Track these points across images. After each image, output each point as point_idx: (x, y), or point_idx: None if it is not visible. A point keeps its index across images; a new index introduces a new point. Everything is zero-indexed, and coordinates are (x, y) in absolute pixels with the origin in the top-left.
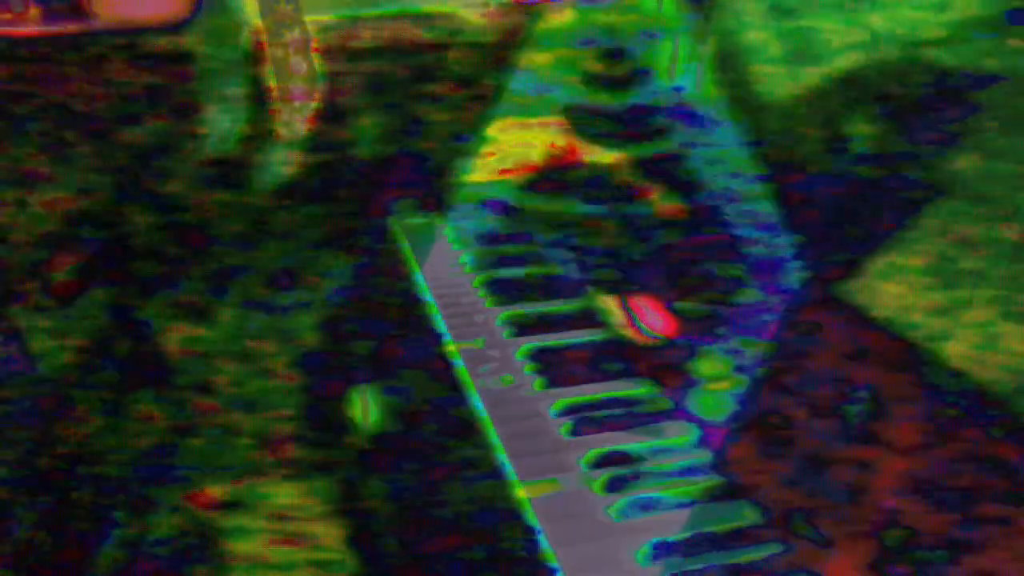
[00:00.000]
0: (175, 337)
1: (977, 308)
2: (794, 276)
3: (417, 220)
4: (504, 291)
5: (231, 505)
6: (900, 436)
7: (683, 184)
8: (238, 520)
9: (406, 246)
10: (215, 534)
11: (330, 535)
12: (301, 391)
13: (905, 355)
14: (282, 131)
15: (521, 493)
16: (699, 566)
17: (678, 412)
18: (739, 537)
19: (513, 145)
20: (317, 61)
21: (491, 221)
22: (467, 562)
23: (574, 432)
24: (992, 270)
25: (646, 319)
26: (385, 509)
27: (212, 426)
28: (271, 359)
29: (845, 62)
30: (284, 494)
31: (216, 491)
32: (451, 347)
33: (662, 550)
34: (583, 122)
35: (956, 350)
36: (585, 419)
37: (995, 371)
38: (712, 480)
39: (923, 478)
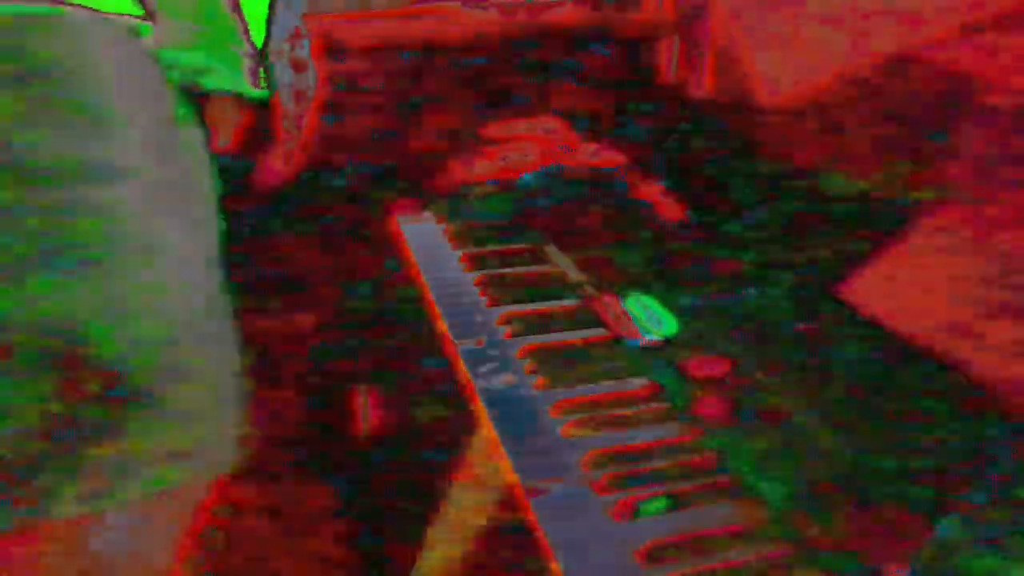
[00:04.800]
0: None
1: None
2: (794, 277)
3: (417, 220)
4: (504, 291)
5: (231, 506)
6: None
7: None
8: (238, 521)
9: (406, 246)
10: (215, 535)
11: (330, 536)
12: (302, 391)
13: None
14: (282, 131)
15: (521, 493)
16: (699, 566)
17: (678, 412)
18: (739, 537)
19: (513, 145)
20: (317, 61)
21: (491, 221)
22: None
23: (574, 431)
24: None
25: (646, 319)
26: (385, 509)
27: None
28: (271, 359)
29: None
30: (284, 495)
31: (216, 492)
32: (451, 347)
33: (662, 550)
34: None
35: None
36: (585, 419)
37: None
38: (712, 480)
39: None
